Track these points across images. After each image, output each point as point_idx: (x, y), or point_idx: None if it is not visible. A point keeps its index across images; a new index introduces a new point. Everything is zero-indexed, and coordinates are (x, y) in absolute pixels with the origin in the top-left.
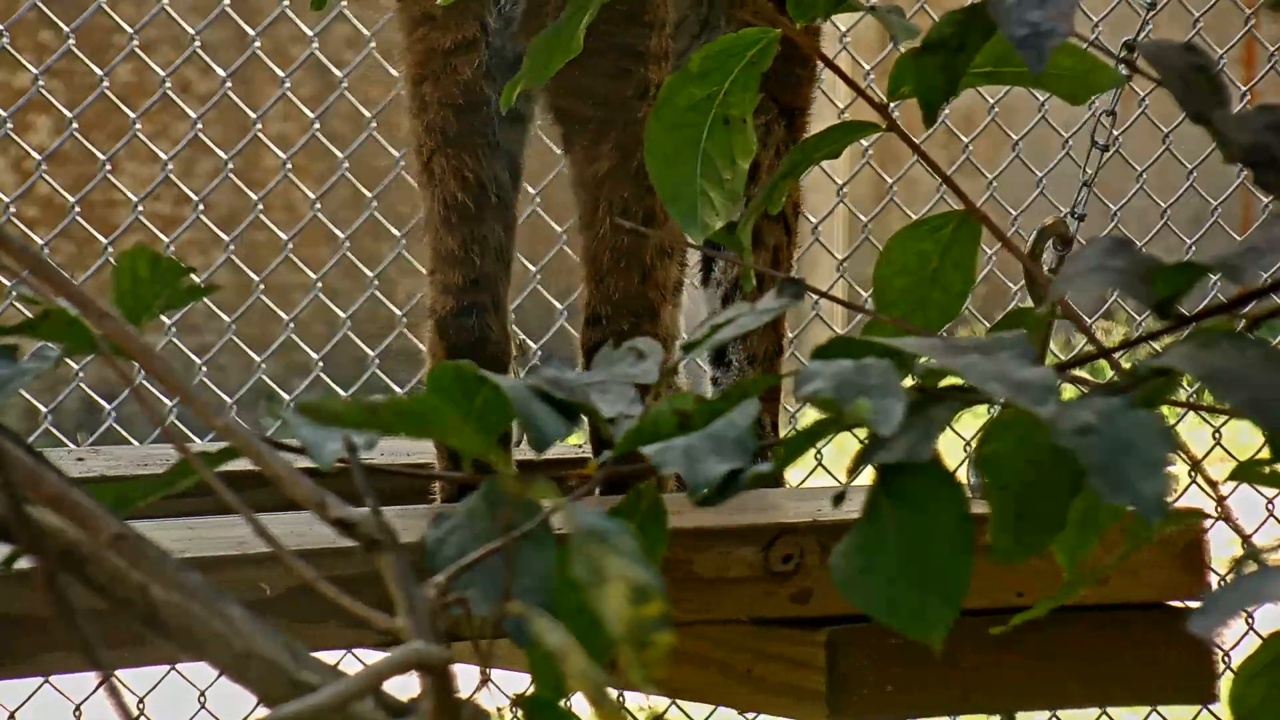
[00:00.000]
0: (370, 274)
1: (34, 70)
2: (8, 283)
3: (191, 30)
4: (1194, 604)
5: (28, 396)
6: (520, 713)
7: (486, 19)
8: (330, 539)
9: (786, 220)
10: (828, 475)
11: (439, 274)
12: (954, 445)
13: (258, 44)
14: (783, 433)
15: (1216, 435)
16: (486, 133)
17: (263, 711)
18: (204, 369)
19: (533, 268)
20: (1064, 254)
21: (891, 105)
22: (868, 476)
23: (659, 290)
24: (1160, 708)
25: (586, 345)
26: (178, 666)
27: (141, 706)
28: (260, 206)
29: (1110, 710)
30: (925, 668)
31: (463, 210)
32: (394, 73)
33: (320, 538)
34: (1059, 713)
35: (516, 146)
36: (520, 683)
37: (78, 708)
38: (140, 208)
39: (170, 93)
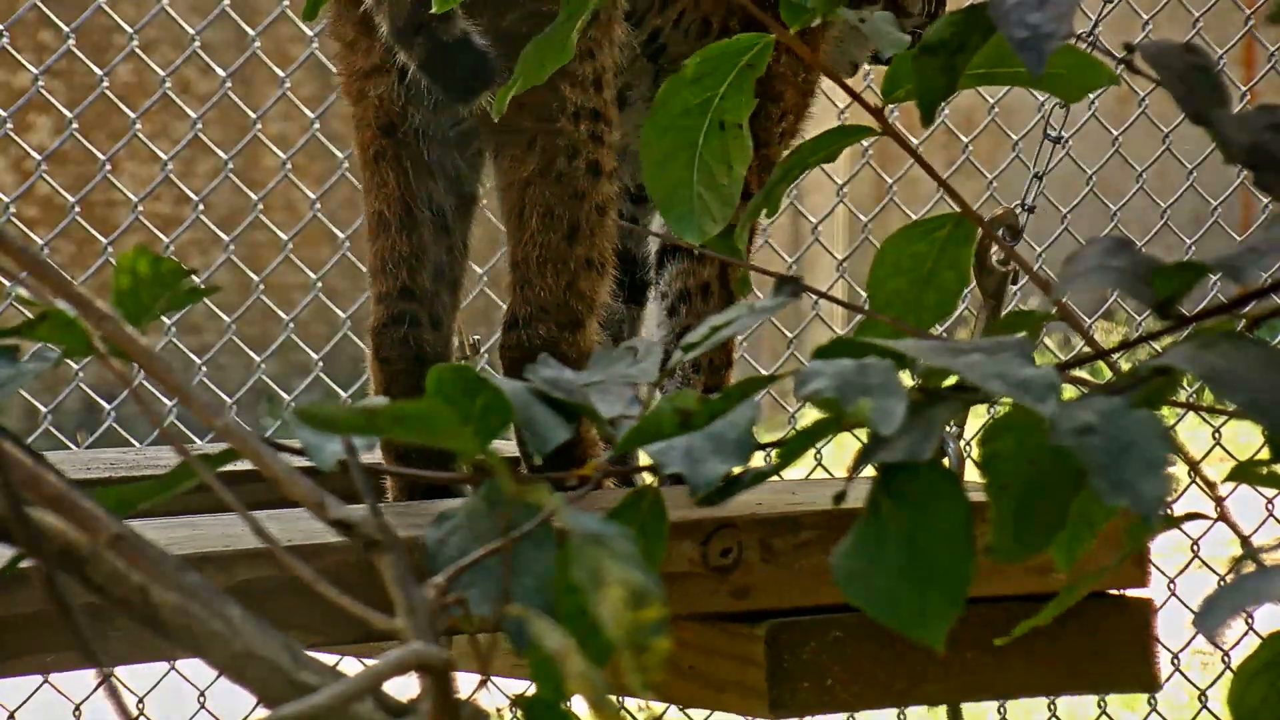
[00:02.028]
0: None
1: (34, 70)
2: (8, 283)
3: (191, 30)
4: (1136, 592)
5: (28, 396)
6: (520, 713)
7: None
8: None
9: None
10: (827, 475)
11: (371, 285)
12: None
13: (258, 44)
14: (782, 433)
15: (1216, 435)
16: (412, 152)
17: (263, 711)
18: (204, 369)
19: None
20: (1013, 244)
21: (890, 107)
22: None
23: (584, 301)
24: (1158, 706)
25: (503, 349)
26: (178, 666)
27: (141, 706)
28: (260, 206)
29: (1110, 708)
30: (867, 661)
31: (385, 223)
32: None
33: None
34: (1059, 711)
35: (463, 169)
36: (520, 683)
37: (78, 708)
38: (140, 208)
39: (170, 93)
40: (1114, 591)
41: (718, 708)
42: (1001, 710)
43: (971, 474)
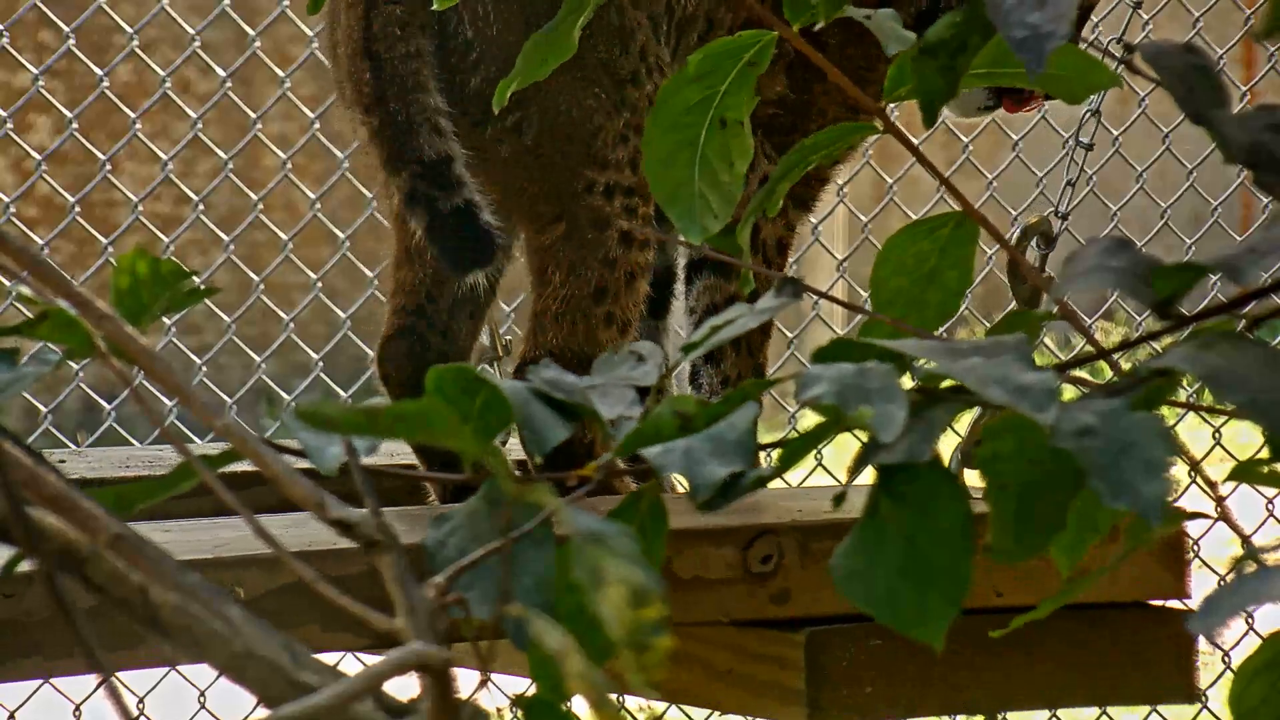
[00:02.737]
0: (370, 274)
1: (34, 70)
2: (8, 283)
3: (191, 30)
4: (1174, 603)
5: (28, 396)
6: (520, 713)
7: None
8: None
9: (767, 253)
10: (826, 475)
11: (388, 305)
12: (954, 442)
13: (258, 44)
14: (781, 435)
15: (1216, 435)
16: None
17: (262, 712)
18: (204, 369)
19: None
20: (1047, 252)
21: (890, 106)
22: (866, 476)
23: (599, 350)
24: (1159, 708)
25: None
26: (178, 666)
27: (141, 706)
28: (260, 206)
29: (1110, 711)
30: (904, 668)
31: (410, 257)
32: None
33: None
34: (1059, 713)
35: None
36: (520, 683)
37: (78, 708)
38: (140, 208)
39: (170, 93)
40: (1155, 603)
41: (755, 713)
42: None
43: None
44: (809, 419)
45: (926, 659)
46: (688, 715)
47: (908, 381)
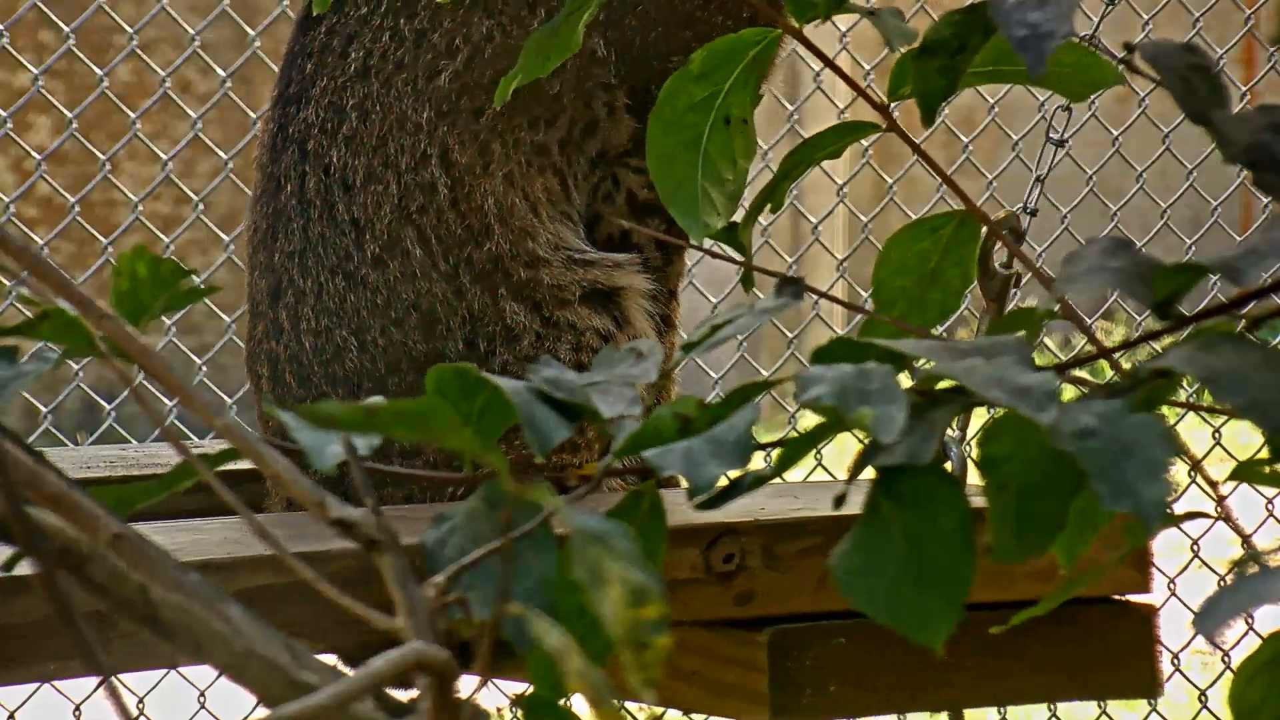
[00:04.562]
0: None
1: (34, 70)
2: (8, 283)
3: (191, 30)
4: (1141, 598)
5: (28, 396)
6: (520, 713)
7: None
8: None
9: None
10: (826, 475)
11: None
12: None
13: (258, 44)
14: (781, 435)
15: (1216, 435)
16: None
17: (263, 711)
18: (204, 369)
19: None
20: (1017, 247)
21: (892, 105)
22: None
23: None
24: (1159, 707)
25: None
26: (178, 667)
27: (141, 706)
28: None
29: (1109, 709)
30: (871, 667)
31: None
32: None
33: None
34: (1059, 710)
35: None
36: (517, 686)
37: (78, 708)
38: (140, 208)
39: (170, 93)
40: (1117, 597)
41: (720, 713)
42: (1002, 712)
43: (973, 476)
44: (809, 419)
45: (892, 658)
46: (688, 717)
47: (908, 381)
